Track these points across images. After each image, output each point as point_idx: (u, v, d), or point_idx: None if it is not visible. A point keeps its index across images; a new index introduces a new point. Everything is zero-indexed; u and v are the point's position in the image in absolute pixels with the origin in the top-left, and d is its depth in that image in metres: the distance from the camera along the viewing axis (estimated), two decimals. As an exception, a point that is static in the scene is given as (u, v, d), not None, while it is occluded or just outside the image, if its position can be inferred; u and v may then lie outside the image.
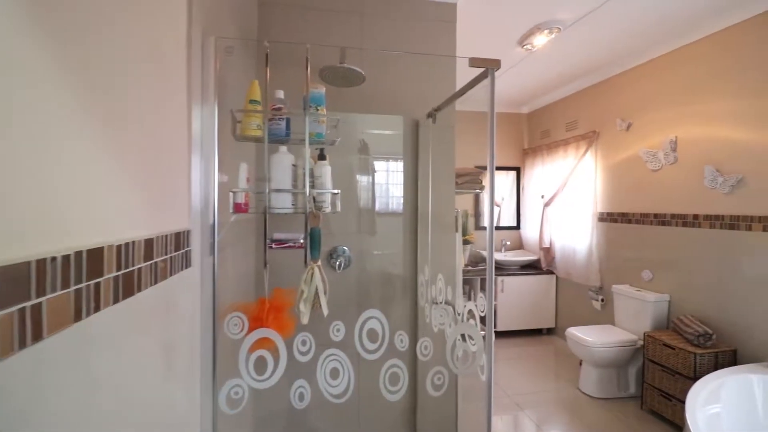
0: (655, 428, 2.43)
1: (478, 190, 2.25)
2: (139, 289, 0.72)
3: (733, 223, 2.32)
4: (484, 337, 1.23)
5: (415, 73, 1.92)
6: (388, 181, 1.94)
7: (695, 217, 2.56)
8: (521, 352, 3.70)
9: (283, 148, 1.20)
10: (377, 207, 1.91)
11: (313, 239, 1.10)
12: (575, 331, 2.94)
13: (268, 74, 1.18)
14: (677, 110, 2.69)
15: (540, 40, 2.58)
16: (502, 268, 4.08)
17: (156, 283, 0.79)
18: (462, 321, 1.39)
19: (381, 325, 1.11)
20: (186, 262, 0.95)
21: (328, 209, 1.20)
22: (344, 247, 1.85)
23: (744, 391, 1.90)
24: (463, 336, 1.25)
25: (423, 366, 1.28)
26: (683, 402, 2.25)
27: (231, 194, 1.13)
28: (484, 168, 3.09)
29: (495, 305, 3.98)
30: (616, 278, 3.24)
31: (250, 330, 1.09)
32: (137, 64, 0.72)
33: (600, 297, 3.42)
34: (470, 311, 1.37)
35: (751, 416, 1.86)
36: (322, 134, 1.22)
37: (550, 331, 4.16)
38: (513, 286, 3.98)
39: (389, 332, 1.11)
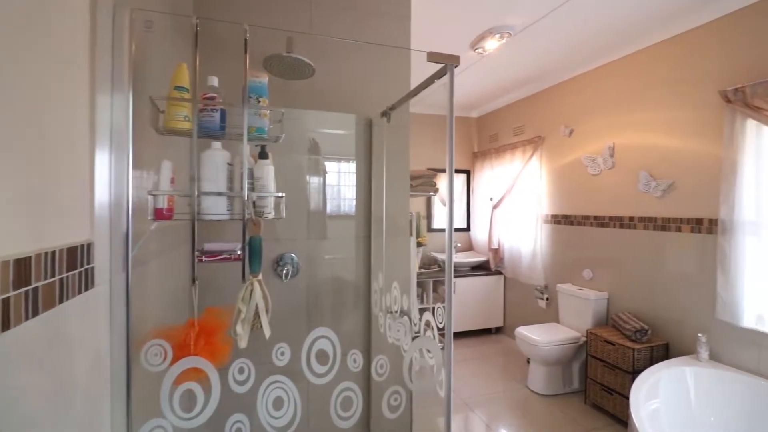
0: (597, 421, 2.53)
1: (432, 193, 2.20)
2: (6, 327, 0.54)
3: (664, 224, 2.48)
4: (443, 349, 1.16)
5: (368, 69, 1.81)
6: (340, 183, 1.82)
7: (631, 219, 2.72)
8: (472, 353, 3.74)
9: (217, 145, 1.03)
10: (328, 210, 1.78)
11: (253, 250, 0.95)
12: (524, 331, 3.01)
13: (198, 56, 1.01)
14: (615, 118, 2.84)
15: (491, 44, 2.60)
16: (453, 270, 4.11)
17: (37, 314, 0.61)
18: (419, 333, 1.30)
19: (332, 345, 0.98)
20: (87, 282, 0.77)
21: (271, 215, 1.05)
22: (292, 255, 1.70)
23: (679, 384, 2.03)
24: (420, 349, 1.16)
25: (378, 387, 1.18)
26: (623, 395, 2.38)
27: (150, 198, 0.94)
28: (437, 170, 3.08)
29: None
30: (560, 278, 3.38)
31: (175, 359, 0.91)
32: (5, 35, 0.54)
33: (545, 296, 3.55)
34: (427, 322, 1.29)
35: (684, 405, 1.98)
36: (263, 129, 1.07)
37: (498, 330, 4.26)
38: (464, 287, 4.02)
39: (341, 352, 0.99)
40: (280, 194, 1.05)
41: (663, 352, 2.41)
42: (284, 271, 1.67)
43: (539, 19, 2.33)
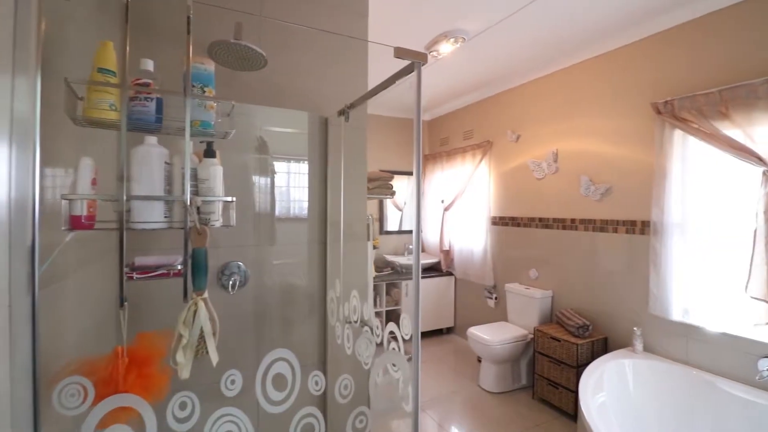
0: (545, 415, 2.64)
1: (389, 196, 2.14)
2: None
3: (602, 226, 2.65)
4: (409, 360, 1.10)
5: (324, 65, 1.71)
6: (291, 184, 1.70)
7: (573, 221, 2.88)
8: (424, 354, 3.75)
9: (152, 140, 0.88)
10: (278, 213, 1.65)
11: (197, 264, 0.82)
12: (476, 331, 3.06)
13: (128, 35, 0.85)
14: (558, 125, 3.00)
15: (446, 48, 2.61)
16: (405, 273, 4.10)
17: None
18: (382, 344, 1.23)
19: (291, 367, 0.88)
20: (-28, 311, 0.60)
21: (218, 222, 0.92)
22: (239, 263, 1.54)
23: (619, 376, 2.16)
24: (385, 365, 1.09)
25: (342, 410, 1.09)
26: (568, 389, 2.50)
27: (65, 203, 0.77)
28: (393, 172, 3.04)
29: (399, 310, 3.97)
30: (508, 277, 3.50)
31: (98, 398, 0.75)
32: None
33: (494, 295, 3.66)
34: (392, 332, 1.22)
35: (625, 395, 2.12)
36: (209, 123, 0.93)
37: (449, 330, 4.32)
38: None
39: (301, 375, 0.89)
40: (229, 198, 0.92)
41: (602, 345, 2.57)
42: (230, 282, 1.51)
43: (492, 26, 2.38)
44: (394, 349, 1.13)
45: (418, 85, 1.03)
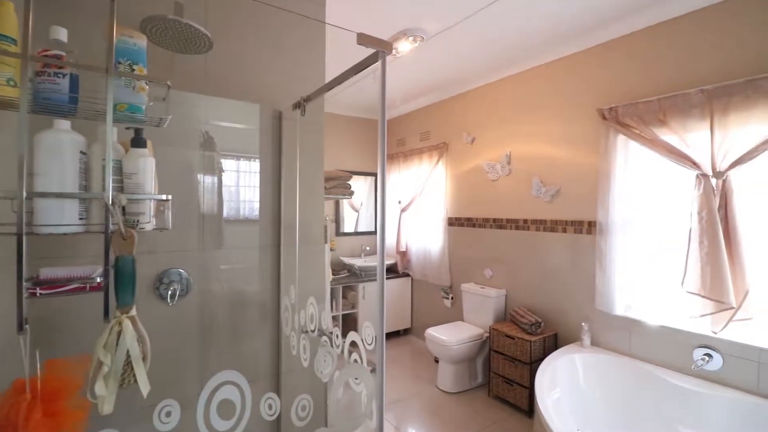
0: (501, 412, 2.68)
1: (347, 196, 2.05)
2: None
3: (552, 226, 2.75)
4: (372, 371, 1.02)
5: (279, 53, 1.58)
6: (241, 183, 1.55)
7: (525, 221, 2.97)
8: (383, 358, 3.69)
9: (64, 124, 0.72)
10: (227, 215, 1.50)
11: (122, 275, 0.68)
12: (433, 332, 3.06)
13: (30, -4, 0.69)
14: (511, 128, 3.08)
15: (404, 46, 2.57)
16: (363, 275, 4.02)
17: None
18: (342, 355, 1.14)
19: (240, 391, 0.76)
20: None
21: (150, 225, 0.78)
22: (179, 270, 1.37)
23: (570, 370, 2.24)
24: (347, 381, 1.01)
25: None
26: (523, 385, 2.56)
27: (-63, 200, 0.60)
28: (351, 172, 2.94)
29: (356, 313, 3.88)
30: (464, 277, 3.54)
31: (-13, 448, 0.60)
32: None
33: (450, 296, 3.69)
34: (353, 343, 1.14)
35: (576, 388, 2.19)
36: (139, 108, 0.79)
37: (406, 332, 4.30)
38: (373, 290, 3.95)
39: (252, 399, 0.78)
40: (163, 197, 0.78)
41: (553, 341, 2.66)
42: (169, 292, 1.34)
43: (451, 26, 2.37)
44: (356, 361, 1.05)
45: (383, 76, 0.96)
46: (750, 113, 1.75)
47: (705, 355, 1.94)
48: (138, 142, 0.77)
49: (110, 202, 0.67)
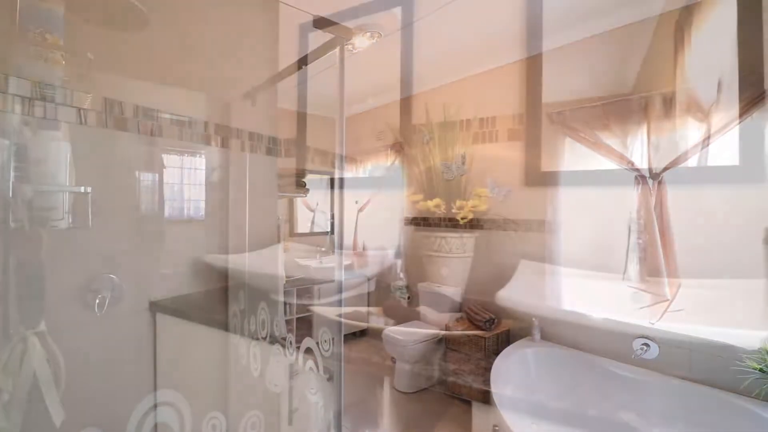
0: (455, 409, 2.71)
1: (303, 195, 1.95)
2: None
3: (505, 225, 2.84)
4: (329, 380, 0.96)
5: (229, 39, 1.46)
6: (185, 181, 1.41)
7: (479, 220, 3.03)
8: (339, 361, 3.61)
9: (-52, 100, 0.59)
10: (168, 215, 1.36)
11: (28, 284, 0.56)
12: (390, 332, 3.03)
13: None
14: (465, 130, 3.14)
15: (362, 42, 2.52)
16: (319, 277, 3.91)
17: None
18: (297, 364, 1.07)
19: (178, 413, 0.67)
20: None
21: (64, 222, 0.66)
22: (111, 276, 1.22)
23: (523, 365, 2.31)
24: (302, 392, 0.93)
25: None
26: (478, 381, 2.60)
27: None
28: (304, 170, 2.84)
29: (310, 316, 3.77)
30: (420, 276, 3.55)
31: None
32: None
33: (407, 295, 3.69)
34: (308, 349, 1.07)
35: (528, 382, 2.26)
36: (53, 84, 0.66)
37: (362, 333, 4.25)
38: (329, 293, 3.86)
39: (193, 422, 0.68)
40: (82, 189, 0.66)
41: (506, 337, 2.74)
42: (97, 300, 1.18)
43: (407, 25, 2.36)
44: (311, 369, 0.98)
45: (341, 65, 0.90)
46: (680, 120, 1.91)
47: (643, 344, 2.08)
48: (48, 123, 0.64)
49: (10, 194, 0.55)
